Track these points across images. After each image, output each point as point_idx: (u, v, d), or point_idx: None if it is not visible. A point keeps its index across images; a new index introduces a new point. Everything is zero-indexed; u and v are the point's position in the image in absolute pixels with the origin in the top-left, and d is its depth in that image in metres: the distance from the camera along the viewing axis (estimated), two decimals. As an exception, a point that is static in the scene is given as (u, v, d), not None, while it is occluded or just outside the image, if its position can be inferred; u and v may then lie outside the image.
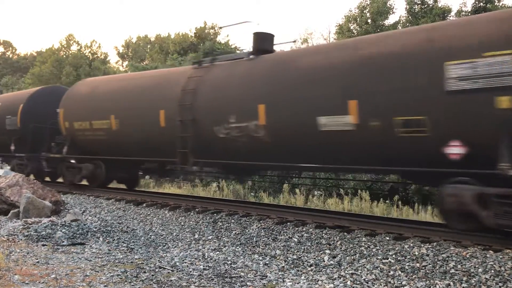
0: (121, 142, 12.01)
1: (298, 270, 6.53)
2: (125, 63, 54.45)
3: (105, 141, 12.44)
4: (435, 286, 5.50)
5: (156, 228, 9.16)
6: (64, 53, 46.24)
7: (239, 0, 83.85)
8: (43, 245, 7.71)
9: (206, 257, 7.29)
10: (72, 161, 13.35)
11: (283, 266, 6.71)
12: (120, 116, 11.86)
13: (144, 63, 44.81)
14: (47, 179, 16.01)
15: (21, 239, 7.99)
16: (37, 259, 6.67)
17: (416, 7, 25.68)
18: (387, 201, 13.01)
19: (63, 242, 7.96)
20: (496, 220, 6.29)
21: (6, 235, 8.23)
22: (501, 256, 5.83)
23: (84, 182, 13.95)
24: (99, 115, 12.40)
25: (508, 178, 6.12)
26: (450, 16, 24.93)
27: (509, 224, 6.21)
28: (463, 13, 23.51)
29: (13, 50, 71.28)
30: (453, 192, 6.63)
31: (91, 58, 46.27)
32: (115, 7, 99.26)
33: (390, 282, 5.77)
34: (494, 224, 6.33)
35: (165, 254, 7.50)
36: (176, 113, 10.26)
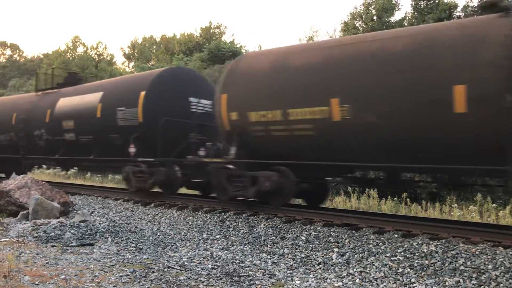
0: (350, 140, 7.88)
1: (306, 269, 6.52)
2: (131, 64, 54.62)
3: (312, 139, 8.28)
4: (445, 283, 5.47)
5: (164, 228, 9.18)
6: (70, 55, 46.52)
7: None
8: (52, 246, 7.76)
9: (214, 256, 7.30)
10: (230, 166, 9.41)
11: (292, 265, 6.71)
12: (352, 98, 7.64)
13: (150, 63, 44.94)
14: (195, 192, 12.81)
15: (31, 240, 8.04)
16: (46, 260, 6.71)
17: (422, 3, 25.56)
18: (395, 198, 12.97)
19: (72, 243, 8.01)
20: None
21: (16, 237, 8.29)
22: (511, 253, 5.78)
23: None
24: (303, 100, 8.23)
25: None
26: (456, 12, 24.80)
27: None
28: (469, 8, 23.35)
29: (20, 53, 71.82)
30: None
31: (97, 59, 46.50)
32: (120, 9, 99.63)
33: (399, 280, 5.75)
34: None
35: (173, 254, 7.53)
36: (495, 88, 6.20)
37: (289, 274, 6.33)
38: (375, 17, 26.68)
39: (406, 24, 25.43)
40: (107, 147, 12.58)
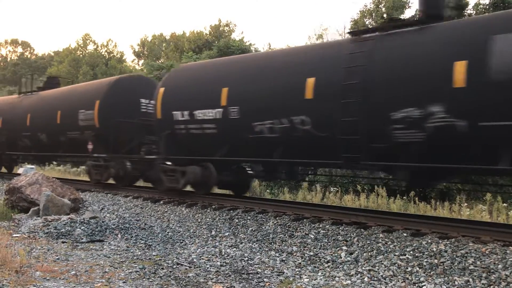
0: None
1: (315, 267, 6.53)
2: (141, 61, 54.82)
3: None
4: (454, 282, 5.45)
5: (173, 225, 9.23)
6: (80, 52, 46.78)
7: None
8: (63, 242, 7.83)
9: (223, 253, 7.33)
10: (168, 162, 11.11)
11: (300, 263, 6.71)
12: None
13: (160, 61, 45.07)
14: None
15: (42, 236, 8.13)
16: (57, 256, 6.78)
17: (432, 1, 25.28)
18: (404, 197, 12.91)
19: (82, 239, 8.08)
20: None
21: (27, 232, 8.38)
22: (521, 252, 5.75)
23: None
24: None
25: None
26: (467, 10, 24.60)
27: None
28: (481, 6, 23.16)
29: (31, 51, 72.36)
30: None
31: (107, 57, 46.71)
32: (130, 6, 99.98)
33: (408, 279, 5.74)
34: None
35: (182, 251, 7.57)
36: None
37: (297, 272, 6.34)
38: (385, 15, 26.53)
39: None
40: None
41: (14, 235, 8.12)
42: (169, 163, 11.00)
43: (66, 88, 17.03)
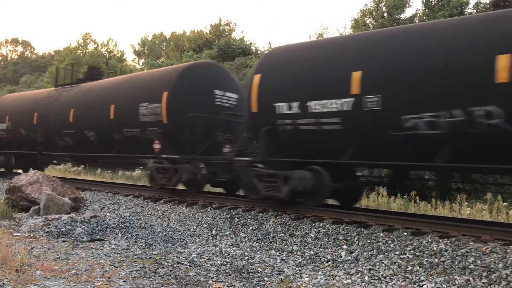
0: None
1: (315, 266, 6.53)
2: (141, 61, 54.83)
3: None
4: (454, 281, 5.45)
5: (173, 224, 9.23)
6: (81, 51, 46.79)
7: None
8: (63, 241, 7.84)
9: (223, 252, 7.33)
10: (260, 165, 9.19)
11: (300, 262, 6.72)
12: None
13: (160, 60, 45.08)
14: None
15: (42, 235, 8.13)
16: (57, 255, 6.78)
17: (433, 0, 25.35)
18: (404, 196, 12.91)
19: (83, 238, 8.08)
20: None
21: (27, 231, 8.39)
22: (521, 251, 5.75)
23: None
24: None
25: None
26: (467, 9, 24.60)
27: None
28: (482, 5, 23.15)
29: (32, 50, 72.39)
30: None
31: (107, 56, 46.71)
32: (131, 5, 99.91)
33: (408, 278, 5.74)
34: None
35: (183, 250, 7.57)
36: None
37: (298, 271, 6.35)
38: (385, 14, 26.53)
39: (417, 21, 25.27)
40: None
41: (15, 234, 8.12)
42: (260, 166, 9.11)
43: (120, 78, 14.68)
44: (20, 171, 17.24)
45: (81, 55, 45.70)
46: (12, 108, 17.59)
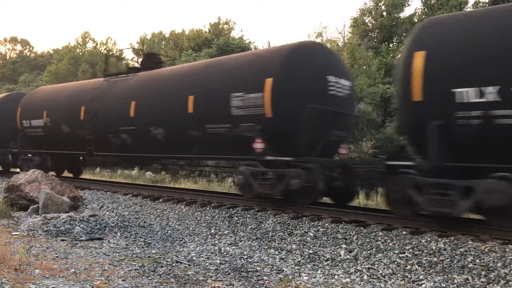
0: None
1: (314, 265, 6.53)
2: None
3: None
4: (453, 280, 5.45)
5: (172, 223, 9.23)
6: (80, 50, 46.71)
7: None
8: (62, 240, 7.83)
9: (222, 251, 7.33)
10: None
11: (299, 261, 6.72)
12: None
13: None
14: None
15: (41, 234, 8.12)
16: (56, 253, 6.77)
17: (432, -1, 25.35)
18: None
19: (82, 237, 8.07)
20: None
21: (26, 230, 8.37)
22: (520, 251, 5.75)
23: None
24: None
25: None
26: (466, 8, 24.60)
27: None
28: (481, 4, 23.15)
29: (31, 49, 72.23)
30: None
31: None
32: (130, 4, 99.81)
33: (407, 277, 5.74)
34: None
35: (182, 249, 7.56)
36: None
37: (297, 270, 6.34)
38: (384, 13, 26.52)
39: (416, 21, 25.26)
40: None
41: (13, 233, 8.11)
42: (413, 172, 7.24)
43: (201, 63, 12.27)
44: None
45: (80, 53, 45.58)
46: (50, 101, 15.24)
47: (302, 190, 8.43)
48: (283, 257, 6.93)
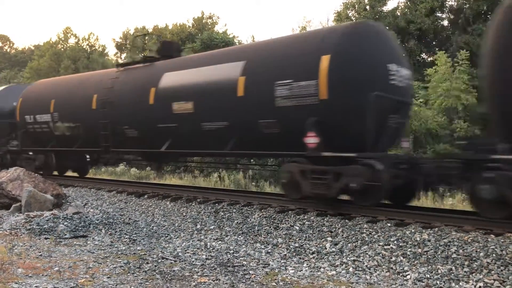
0: None
1: (300, 258, 6.55)
2: (123, 55, 54.25)
3: None
4: (437, 271, 5.52)
5: (158, 219, 9.18)
6: (61, 46, 46.07)
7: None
8: (46, 238, 7.74)
9: (208, 247, 7.31)
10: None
11: (285, 254, 6.73)
12: None
13: (143, 54, 44.66)
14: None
15: (24, 233, 8.01)
16: (40, 252, 6.69)
17: (414, -8, 25.50)
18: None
19: (66, 235, 7.99)
20: None
21: (8, 229, 8.26)
22: (502, 240, 5.84)
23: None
24: None
25: None
26: (448, 2, 24.77)
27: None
28: (462, -3, 23.36)
29: (11, 45, 71.00)
30: None
31: (89, 50, 46.09)
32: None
33: (392, 268, 5.79)
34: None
35: (167, 245, 7.53)
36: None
37: (283, 264, 6.36)
38: (367, 7, 26.62)
39: (398, 14, 25.40)
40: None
41: (-4, 232, 8.00)
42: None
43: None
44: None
45: (62, 49, 44.96)
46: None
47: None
48: (269, 251, 6.94)
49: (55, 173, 14.74)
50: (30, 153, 14.88)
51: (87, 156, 14.79)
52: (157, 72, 11.10)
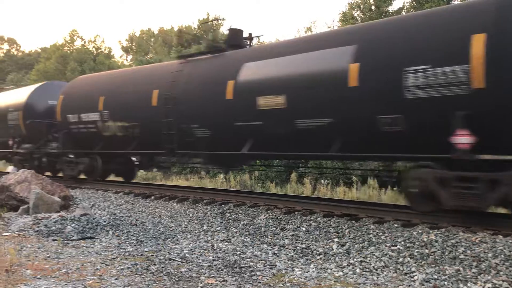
0: None
1: (307, 259, 6.55)
2: (129, 57, 54.48)
3: None
4: (445, 272, 5.49)
5: (165, 220, 9.20)
6: (68, 48, 46.33)
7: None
8: (54, 240, 7.77)
9: (215, 248, 7.32)
10: None
11: (292, 255, 6.73)
12: None
13: (148, 56, 44.80)
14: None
15: (32, 235, 8.06)
16: (48, 254, 6.73)
17: (420, -8, 25.39)
18: (395, 188, 12.98)
19: (73, 236, 8.02)
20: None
21: (17, 231, 8.30)
22: (510, 241, 5.80)
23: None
24: None
25: None
26: (454, 1, 24.69)
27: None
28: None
29: (18, 47, 71.57)
30: None
31: (95, 53, 46.32)
32: (118, 1, 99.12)
33: (399, 269, 5.78)
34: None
35: (174, 246, 7.55)
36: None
37: (289, 265, 6.36)
38: (373, 7, 26.56)
39: (404, 13, 25.33)
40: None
41: (4, 234, 8.04)
42: None
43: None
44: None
45: (68, 52, 45.21)
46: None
47: None
48: (276, 252, 6.94)
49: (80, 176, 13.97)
50: (71, 156, 13.70)
51: (134, 159, 13.64)
52: (233, 63, 9.77)
